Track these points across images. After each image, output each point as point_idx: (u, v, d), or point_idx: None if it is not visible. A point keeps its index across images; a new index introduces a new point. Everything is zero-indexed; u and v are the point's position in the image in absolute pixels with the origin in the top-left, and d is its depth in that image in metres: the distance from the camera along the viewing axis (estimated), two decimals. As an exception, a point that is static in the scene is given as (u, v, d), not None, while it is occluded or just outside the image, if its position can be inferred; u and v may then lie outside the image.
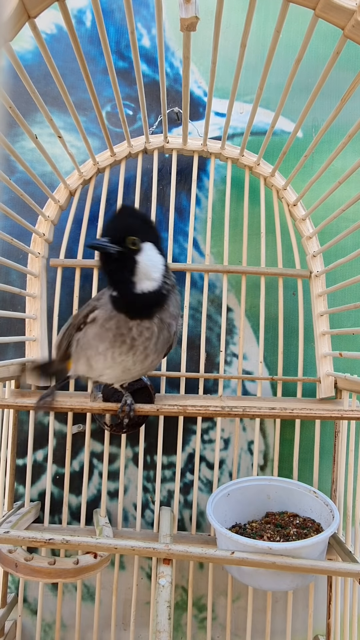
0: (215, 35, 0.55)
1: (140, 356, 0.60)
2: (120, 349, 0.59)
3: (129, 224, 0.57)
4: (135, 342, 0.59)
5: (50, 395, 0.66)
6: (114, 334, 0.59)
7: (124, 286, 0.57)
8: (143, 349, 0.59)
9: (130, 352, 0.59)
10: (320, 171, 0.76)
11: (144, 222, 0.58)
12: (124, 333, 0.58)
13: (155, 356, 0.61)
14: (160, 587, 0.57)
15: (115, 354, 0.60)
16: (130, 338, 0.58)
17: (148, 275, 0.57)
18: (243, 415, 0.65)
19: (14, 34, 0.48)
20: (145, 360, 0.61)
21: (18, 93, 0.86)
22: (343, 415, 0.67)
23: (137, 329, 0.58)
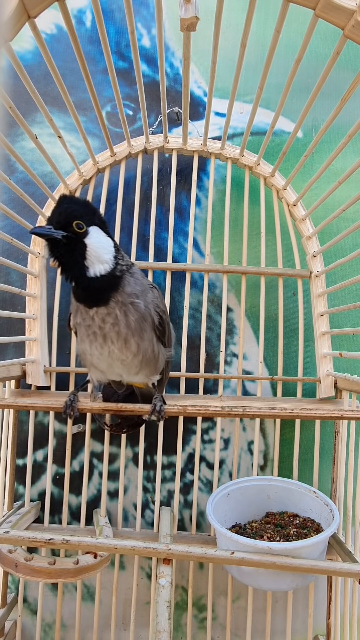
0: (215, 35, 0.55)
1: (120, 342, 0.59)
2: (96, 342, 0.60)
3: (71, 209, 0.57)
4: (104, 330, 0.59)
5: (73, 401, 0.65)
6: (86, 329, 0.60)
7: (77, 272, 0.57)
8: (116, 335, 0.59)
9: (107, 342, 0.60)
10: (320, 171, 0.76)
11: (87, 207, 0.59)
12: (91, 324, 0.59)
13: (138, 338, 0.60)
14: (160, 587, 0.57)
15: (97, 348, 0.60)
16: (98, 327, 0.59)
17: (99, 258, 0.57)
18: (243, 415, 0.65)
19: (14, 34, 0.48)
20: (128, 344, 0.60)
21: (18, 93, 0.86)
22: (343, 415, 0.67)
23: (98, 317, 0.58)
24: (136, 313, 0.60)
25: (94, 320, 0.59)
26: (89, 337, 0.60)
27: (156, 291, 0.64)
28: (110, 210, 0.93)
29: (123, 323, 0.59)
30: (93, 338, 0.60)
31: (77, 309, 0.60)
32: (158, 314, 0.63)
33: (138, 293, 0.60)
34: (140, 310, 0.60)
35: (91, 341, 0.60)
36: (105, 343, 0.60)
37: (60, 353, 0.89)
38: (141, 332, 0.61)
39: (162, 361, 0.67)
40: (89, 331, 0.60)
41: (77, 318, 0.61)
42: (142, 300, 0.61)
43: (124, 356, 0.61)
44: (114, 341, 0.60)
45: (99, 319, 0.59)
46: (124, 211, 0.92)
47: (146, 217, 0.94)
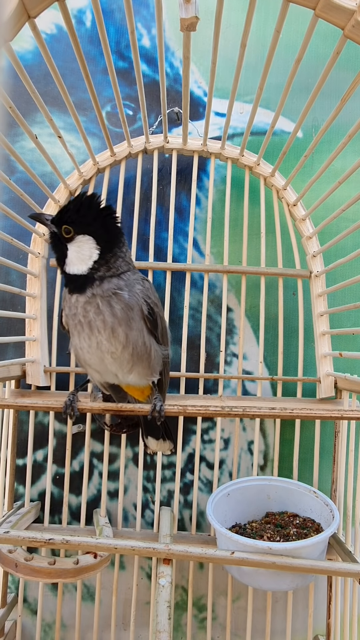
0: (215, 35, 0.55)
1: (107, 331, 0.60)
2: (83, 332, 0.61)
3: (72, 213, 0.61)
4: (87, 318, 0.60)
5: (73, 401, 0.65)
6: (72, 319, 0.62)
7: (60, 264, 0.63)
8: (102, 323, 0.60)
9: (94, 332, 0.60)
10: (320, 171, 0.76)
11: (89, 216, 0.61)
12: (75, 313, 0.61)
13: (126, 327, 0.61)
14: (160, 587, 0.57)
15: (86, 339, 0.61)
16: (82, 316, 0.60)
17: (74, 264, 0.62)
18: (243, 415, 0.65)
19: (14, 34, 0.48)
20: (116, 333, 0.60)
21: (18, 93, 0.86)
22: (343, 415, 0.67)
23: (80, 305, 0.61)
24: (120, 302, 0.60)
25: (77, 309, 0.61)
26: (76, 327, 0.61)
27: (147, 283, 0.65)
28: (110, 210, 0.93)
29: (107, 312, 0.60)
30: (80, 329, 0.61)
31: (65, 298, 0.63)
32: (147, 303, 0.63)
33: (121, 286, 0.62)
34: (124, 299, 0.61)
35: (79, 332, 0.61)
36: (92, 333, 0.60)
37: (60, 353, 0.89)
38: (129, 321, 0.61)
39: (156, 358, 0.66)
40: (75, 320, 0.61)
41: (65, 309, 0.63)
42: (127, 291, 0.62)
43: (113, 347, 0.61)
44: (100, 330, 0.60)
45: (81, 307, 0.60)
46: (124, 211, 0.92)
47: (146, 217, 0.94)
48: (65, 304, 0.63)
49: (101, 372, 0.65)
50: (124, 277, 0.63)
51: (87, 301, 0.60)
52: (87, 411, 0.67)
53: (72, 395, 0.66)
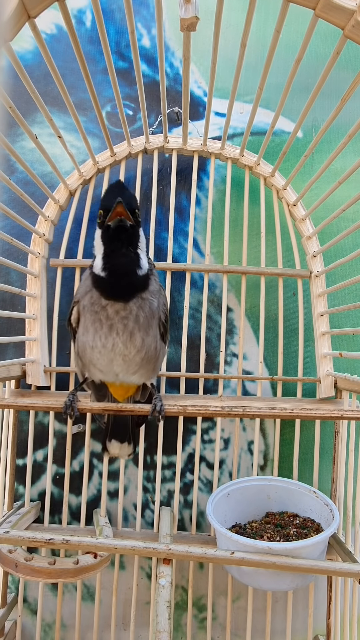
0: (215, 35, 0.55)
1: (125, 335, 0.59)
2: (101, 331, 0.59)
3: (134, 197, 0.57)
4: (111, 321, 0.59)
5: (73, 401, 0.65)
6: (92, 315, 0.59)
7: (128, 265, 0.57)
8: (123, 327, 0.59)
9: (112, 334, 0.59)
10: (320, 171, 0.76)
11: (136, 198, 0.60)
12: (98, 311, 0.59)
13: (144, 333, 0.60)
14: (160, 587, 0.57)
15: (101, 339, 0.60)
16: (106, 317, 0.59)
17: (144, 251, 0.59)
18: (243, 415, 0.65)
19: (14, 34, 0.48)
20: (134, 338, 0.60)
21: (18, 93, 0.86)
22: (343, 415, 0.67)
23: (111, 308, 0.59)
24: (149, 310, 0.60)
25: (106, 310, 0.59)
26: (94, 324, 0.60)
27: (164, 291, 0.66)
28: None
29: (133, 318, 0.59)
30: (99, 326, 0.59)
31: (88, 292, 0.60)
32: (164, 312, 0.64)
33: (155, 291, 0.61)
34: (153, 308, 0.61)
35: (96, 330, 0.60)
36: (110, 334, 0.59)
37: (60, 353, 0.89)
38: (148, 328, 0.61)
39: (160, 360, 0.67)
40: (95, 317, 0.59)
41: (84, 301, 0.60)
42: (156, 299, 0.61)
43: (127, 351, 0.61)
44: (119, 333, 0.59)
45: (112, 310, 0.59)
46: (124, 211, 0.91)
47: (146, 217, 0.94)
48: (87, 297, 0.60)
49: (104, 372, 0.65)
50: (155, 279, 0.62)
51: (124, 307, 0.58)
52: (87, 411, 0.67)
53: (72, 395, 0.66)
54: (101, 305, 0.59)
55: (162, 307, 0.63)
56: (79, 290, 0.64)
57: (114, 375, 0.65)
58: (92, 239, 0.89)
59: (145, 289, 0.60)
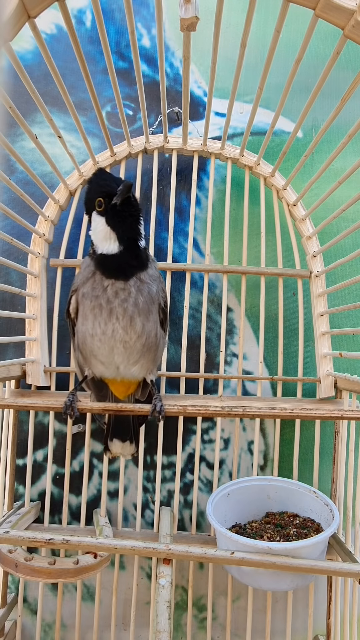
0: (215, 35, 0.55)
1: (125, 320, 0.60)
2: (101, 316, 0.60)
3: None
4: (111, 305, 0.60)
5: (73, 401, 0.65)
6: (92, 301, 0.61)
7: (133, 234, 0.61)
8: (123, 311, 0.60)
9: (112, 318, 0.60)
10: (320, 171, 0.76)
11: None
12: (99, 295, 0.60)
13: (144, 318, 0.62)
14: (160, 587, 0.57)
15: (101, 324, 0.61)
16: (106, 300, 0.60)
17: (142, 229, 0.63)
18: (243, 415, 0.65)
19: (14, 34, 0.48)
20: (134, 322, 0.61)
21: (18, 93, 0.86)
22: (343, 415, 0.67)
23: (112, 289, 0.60)
24: (147, 295, 0.62)
25: (106, 292, 0.60)
26: (93, 310, 0.61)
27: (162, 279, 0.68)
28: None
29: (132, 300, 0.60)
30: (98, 312, 0.60)
31: (90, 277, 0.62)
32: (164, 298, 0.65)
33: (155, 277, 0.63)
34: (152, 292, 0.62)
35: (95, 316, 0.61)
36: (110, 319, 0.60)
37: (60, 353, 0.89)
38: (148, 313, 0.62)
39: (160, 350, 0.67)
40: (95, 303, 0.60)
41: (85, 288, 0.62)
42: (155, 285, 0.63)
43: (127, 337, 0.61)
44: (119, 318, 0.60)
45: (112, 292, 0.60)
46: (124, 211, 0.91)
47: (146, 217, 0.94)
48: (88, 284, 0.62)
49: (105, 364, 0.65)
50: (153, 266, 0.65)
51: (123, 287, 0.60)
52: (87, 411, 0.67)
53: (72, 395, 0.66)
54: (102, 288, 0.60)
55: (161, 293, 0.65)
56: (77, 280, 0.65)
57: (115, 369, 0.65)
58: (92, 239, 0.90)
59: (144, 270, 0.62)
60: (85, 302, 0.62)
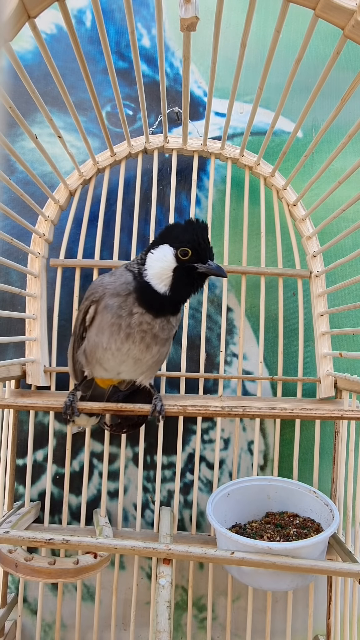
0: (215, 35, 0.55)
1: (142, 345, 0.61)
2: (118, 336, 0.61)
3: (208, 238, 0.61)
4: (130, 329, 0.60)
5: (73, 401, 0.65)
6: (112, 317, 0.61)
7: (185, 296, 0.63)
8: (140, 339, 0.61)
9: (128, 341, 0.61)
10: (320, 171, 0.76)
11: None
12: (122, 315, 0.60)
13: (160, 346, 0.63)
14: (160, 587, 0.57)
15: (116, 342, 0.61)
16: (127, 324, 0.60)
17: None
18: (243, 415, 0.65)
19: (14, 34, 0.48)
20: (150, 348, 0.62)
21: (18, 93, 0.86)
22: (343, 415, 0.67)
23: (138, 318, 0.60)
24: (167, 333, 0.63)
25: (131, 317, 0.60)
26: (111, 327, 0.61)
27: None
28: (110, 210, 0.93)
29: (151, 334, 0.61)
30: (116, 331, 0.60)
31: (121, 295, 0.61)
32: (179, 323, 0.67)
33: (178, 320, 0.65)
34: (171, 332, 0.64)
35: (112, 333, 0.61)
36: (126, 341, 0.61)
37: (60, 353, 0.89)
38: (165, 343, 0.64)
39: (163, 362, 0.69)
40: (116, 321, 0.60)
41: (111, 301, 0.61)
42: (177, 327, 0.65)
43: (141, 355, 0.62)
44: (135, 342, 0.61)
45: (137, 320, 0.60)
46: (124, 211, 0.92)
47: (146, 217, 0.94)
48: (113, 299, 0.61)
49: (109, 370, 0.65)
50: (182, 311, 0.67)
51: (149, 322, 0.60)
52: (87, 411, 0.67)
53: (72, 395, 0.66)
54: (129, 312, 0.60)
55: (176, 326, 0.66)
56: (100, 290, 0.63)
57: (116, 374, 0.66)
58: (92, 239, 0.90)
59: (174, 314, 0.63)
60: (105, 315, 0.61)
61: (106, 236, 0.91)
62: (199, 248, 0.60)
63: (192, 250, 0.59)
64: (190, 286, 0.61)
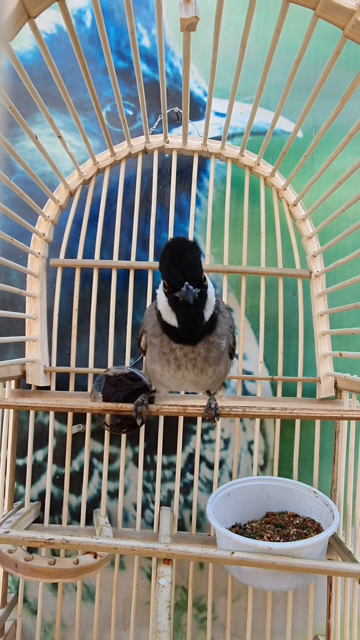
0: (215, 35, 0.55)
1: (196, 370, 0.60)
2: (169, 367, 0.60)
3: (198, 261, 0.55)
4: (179, 362, 0.59)
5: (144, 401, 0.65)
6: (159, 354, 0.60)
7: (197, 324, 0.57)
8: (192, 366, 0.60)
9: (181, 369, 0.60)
10: (320, 171, 0.76)
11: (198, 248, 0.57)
12: (166, 352, 0.59)
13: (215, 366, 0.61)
14: (160, 587, 0.57)
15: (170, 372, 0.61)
16: (174, 358, 0.59)
17: (211, 304, 0.58)
18: (243, 415, 0.65)
19: (14, 34, 0.48)
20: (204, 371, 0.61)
21: (18, 93, 0.86)
22: (343, 415, 0.67)
23: (180, 352, 0.59)
24: (217, 350, 0.60)
25: (174, 352, 0.59)
26: (161, 361, 0.60)
27: (228, 312, 0.64)
28: (110, 210, 0.93)
29: (202, 359, 0.60)
30: (165, 363, 0.60)
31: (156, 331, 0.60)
32: (233, 336, 0.64)
33: (224, 332, 0.61)
34: (221, 347, 0.61)
35: (163, 365, 0.60)
36: (179, 370, 0.60)
37: (60, 353, 0.89)
38: (218, 362, 0.61)
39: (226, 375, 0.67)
40: (164, 357, 0.60)
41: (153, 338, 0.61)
42: (225, 340, 0.61)
43: (197, 379, 0.62)
44: (189, 369, 0.60)
45: (181, 354, 0.59)
46: (124, 211, 0.92)
47: (146, 217, 0.94)
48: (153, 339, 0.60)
49: (171, 388, 0.66)
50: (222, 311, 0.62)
51: (192, 350, 0.58)
52: (87, 411, 0.67)
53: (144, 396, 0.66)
54: (170, 348, 0.59)
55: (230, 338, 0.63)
56: (146, 323, 0.63)
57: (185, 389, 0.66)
58: (92, 239, 0.90)
59: (212, 331, 0.59)
60: (153, 349, 0.61)
61: (106, 236, 0.91)
62: (169, 277, 0.55)
63: (167, 281, 0.56)
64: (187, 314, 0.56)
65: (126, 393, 0.79)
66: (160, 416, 0.87)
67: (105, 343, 0.90)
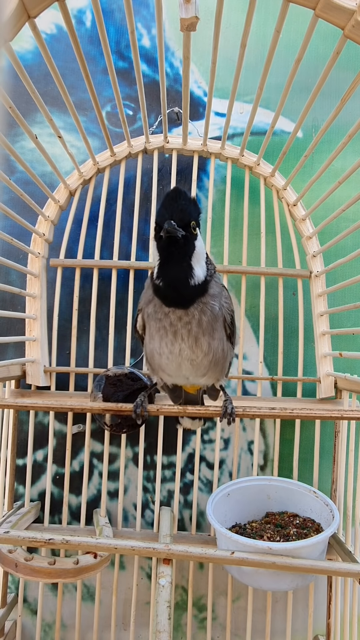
0: (215, 35, 0.55)
1: (191, 340, 0.59)
2: (167, 338, 0.59)
3: (190, 208, 0.55)
4: (174, 328, 0.59)
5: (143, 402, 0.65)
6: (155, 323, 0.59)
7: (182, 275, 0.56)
8: (187, 333, 0.59)
9: (177, 339, 0.59)
10: (320, 171, 0.76)
11: (197, 206, 0.58)
12: (162, 319, 0.59)
13: (209, 337, 0.60)
14: (160, 587, 0.57)
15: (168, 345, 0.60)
16: (169, 324, 0.59)
17: (199, 262, 0.57)
18: (243, 415, 0.65)
19: (14, 34, 0.48)
20: (199, 342, 0.60)
21: (18, 93, 0.86)
22: (343, 415, 0.67)
23: (174, 315, 0.58)
24: (210, 314, 0.60)
25: (168, 316, 0.59)
26: (159, 332, 0.60)
27: (227, 292, 0.64)
28: (110, 210, 0.93)
29: (196, 322, 0.59)
30: (164, 334, 0.60)
31: (151, 300, 0.60)
32: (229, 313, 0.63)
33: (216, 294, 0.60)
34: (215, 311, 0.60)
35: (161, 337, 0.60)
36: (175, 340, 0.60)
37: (60, 353, 0.89)
38: (212, 332, 0.60)
39: (228, 361, 0.66)
40: (160, 325, 0.59)
41: (149, 309, 0.60)
42: (218, 302, 0.60)
43: (194, 355, 0.61)
44: (184, 338, 0.59)
45: (175, 317, 0.58)
46: (124, 211, 0.92)
47: (146, 217, 0.94)
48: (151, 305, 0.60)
49: (174, 376, 0.65)
50: (216, 281, 0.61)
51: (185, 313, 0.58)
52: (87, 411, 0.67)
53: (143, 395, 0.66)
54: (164, 313, 0.59)
55: (225, 310, 0.62)
56: (142, 298, 0.63)
57: (184, 379, 0.65)
58: (92, 239, 0.90)
59: (204, 293, 0.59)
60: (150, 322, 0.61)
61: (106, 236, 0.91)
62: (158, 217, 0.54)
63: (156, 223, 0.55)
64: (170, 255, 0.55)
65: (126, 393, 0.79)
66: (160, 416, 0.87)
67: (105, 343, 0.90)
